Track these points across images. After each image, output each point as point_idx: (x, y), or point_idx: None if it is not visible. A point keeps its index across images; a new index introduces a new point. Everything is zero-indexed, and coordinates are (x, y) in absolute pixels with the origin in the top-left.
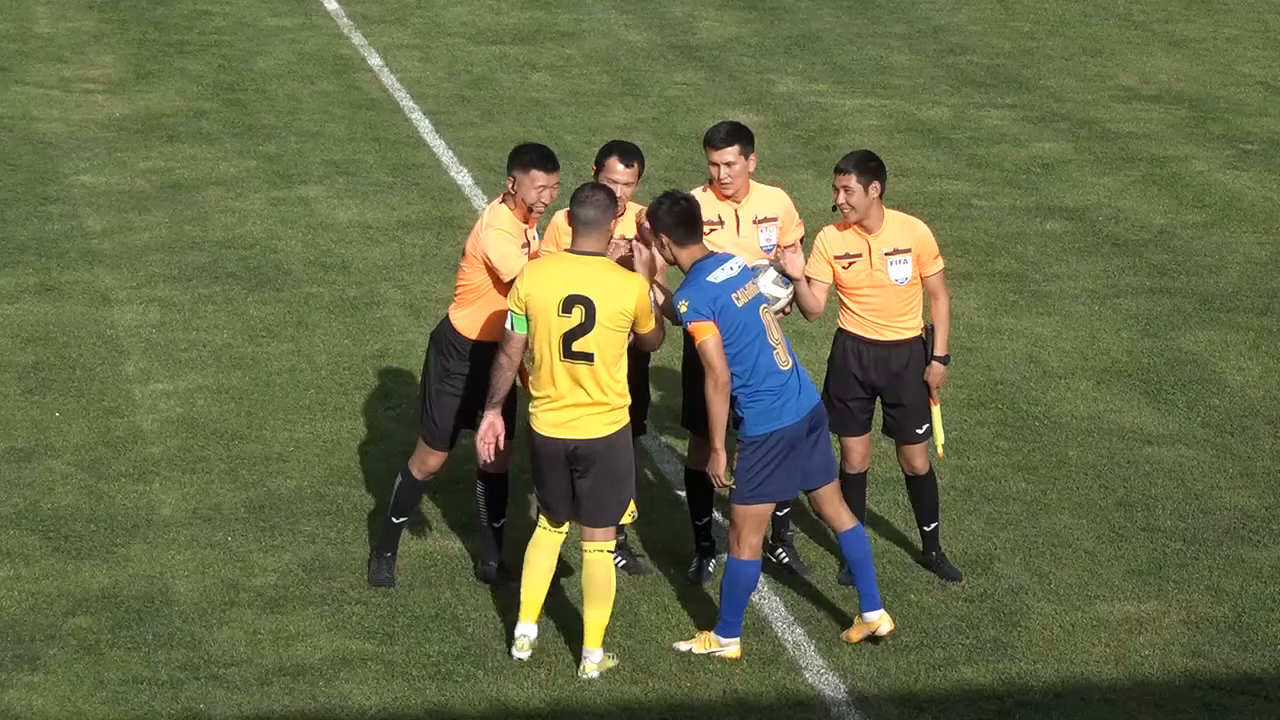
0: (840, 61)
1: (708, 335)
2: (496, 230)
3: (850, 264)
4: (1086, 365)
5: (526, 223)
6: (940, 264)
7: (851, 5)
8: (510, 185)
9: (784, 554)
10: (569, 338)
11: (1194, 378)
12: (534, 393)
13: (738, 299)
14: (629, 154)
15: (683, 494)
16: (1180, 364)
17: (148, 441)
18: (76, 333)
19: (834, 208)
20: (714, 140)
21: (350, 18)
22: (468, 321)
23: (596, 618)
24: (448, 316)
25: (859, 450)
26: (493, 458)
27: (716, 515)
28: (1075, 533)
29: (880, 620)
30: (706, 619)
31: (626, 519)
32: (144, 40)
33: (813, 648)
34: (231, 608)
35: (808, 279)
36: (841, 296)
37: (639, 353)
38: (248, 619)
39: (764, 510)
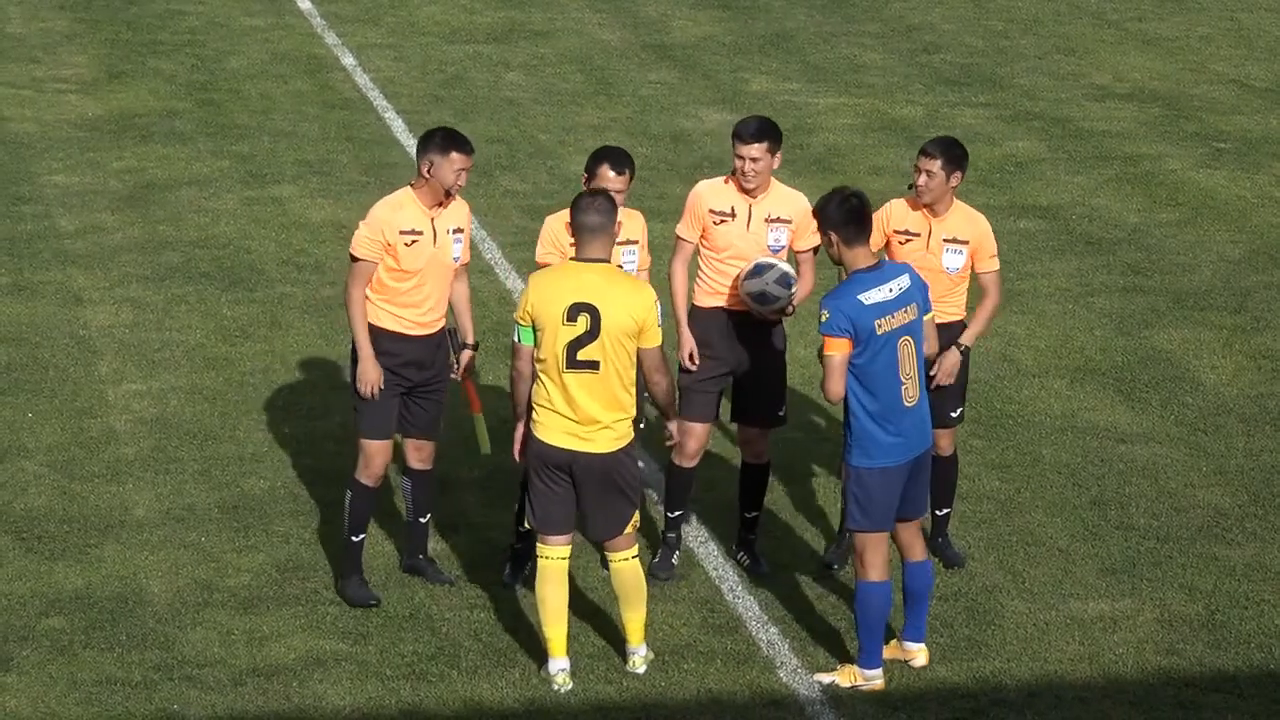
0: (814, 60)
1: (835, 352)
2: (380, 205)
3: (907, 241)
4: (1060, 364)
5: (443, 205)
6: (996, 263)
7: (825, 4)
8: (426, 170)
9: (744, 557)
10: (573, 346)
11: (1167, 376)
12: (538, 402)
13: (880, 326)
14: (620, 161)
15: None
16: (1154, 362)
17: (121, 442)
18: (49, 333)
19: (910, 186)
20: (742, 135)
21: (324, 17)
22: (372, 310)
23: (635, 619)
24: None
25: None
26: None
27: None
28: (1049, 531)
29: (919, 652)
30: (681, 617)
31: (629, 529)
32: (117, 40)
33: (787, 646)
34: (205, 608)
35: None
36: None
37: None
38: (221, 619)
39: (883, 535)
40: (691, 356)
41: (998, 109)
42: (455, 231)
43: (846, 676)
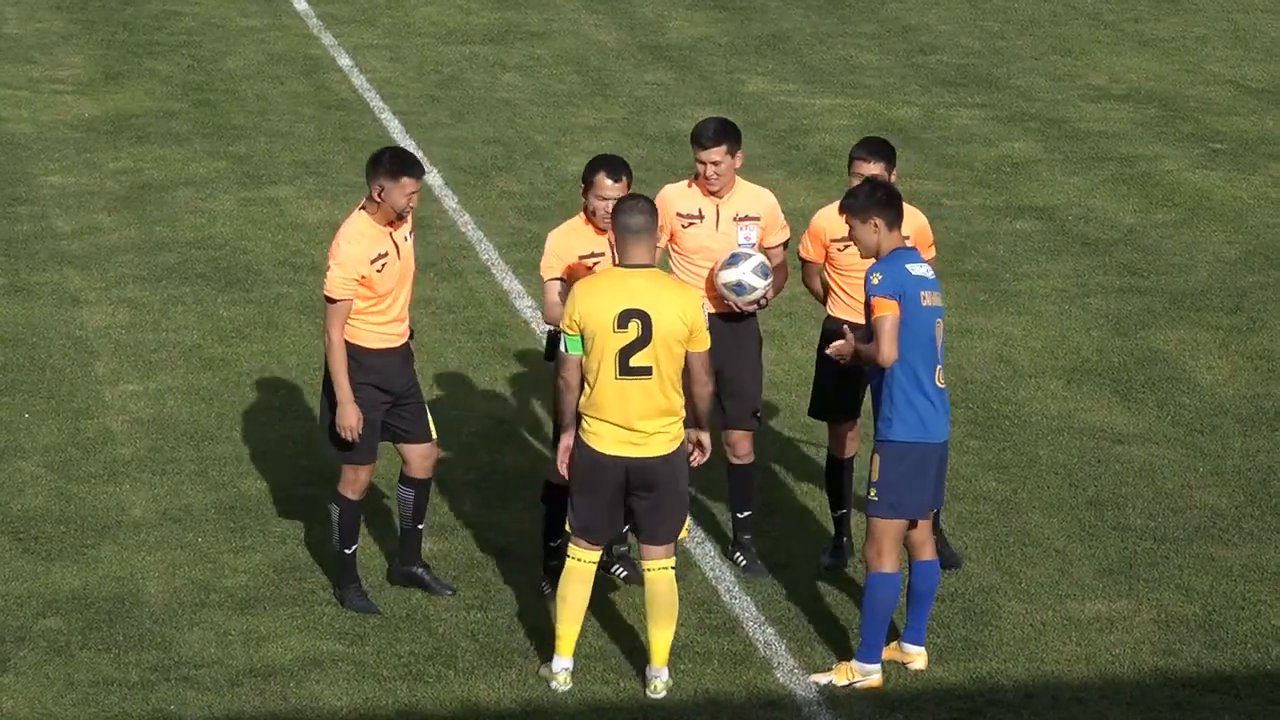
0: (810, 61)
1: (887, 312)
2: (344, 240)
3: (846, 247)
4: (1057, 364)
5: (392, 226)
6: (933, 251)
7: (821, 5)
8: (377, 194)
9: (740, 557)
10: (626, 353)
11: (1164, 376)
12: (590, 412)
13: (924, 298)
14: (616, 169)
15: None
16: (1150, 363)
17: (118, 443)
18: (46, 334)
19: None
20: (701, 139)
21: (320, 18)
22: (351, 330)
23: (663, 637)
24: None
25: (854, 435)
26: (568, 475)
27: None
28: (1046, 532)
29: (918, 656)
30: (678, 617)
31: (684, 534)
32: (113, 41)
33: (784, 647)
34: (202, 609)
35: (802, 261)
36: (832, 281)
37: None
38: (218, 620)
39: (904, 524)
40: None
41: (994, 110)
42: (410, 234)
43: (843, 674)
